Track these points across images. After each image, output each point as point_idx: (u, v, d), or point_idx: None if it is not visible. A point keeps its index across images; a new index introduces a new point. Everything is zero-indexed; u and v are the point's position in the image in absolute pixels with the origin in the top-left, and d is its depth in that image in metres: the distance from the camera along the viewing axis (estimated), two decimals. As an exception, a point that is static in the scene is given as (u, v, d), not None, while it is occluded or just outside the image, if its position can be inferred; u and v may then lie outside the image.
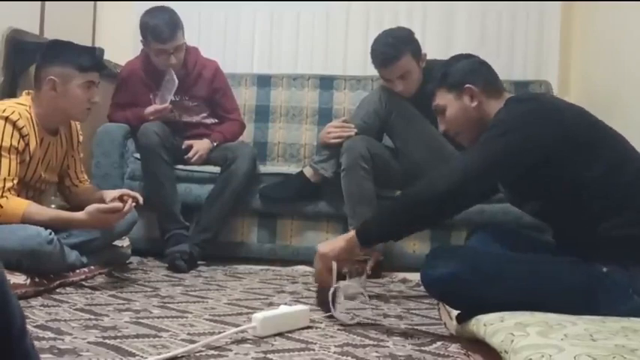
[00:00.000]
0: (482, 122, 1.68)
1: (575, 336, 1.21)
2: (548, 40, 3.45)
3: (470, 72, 1.75)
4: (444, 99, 1.76)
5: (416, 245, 2.72)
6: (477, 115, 1.71)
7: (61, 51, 2.13)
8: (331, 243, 1.76)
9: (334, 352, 1.43)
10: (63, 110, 2.13)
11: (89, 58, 2.14)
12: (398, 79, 2.57)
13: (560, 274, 1.50)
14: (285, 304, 1.73)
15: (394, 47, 2.53)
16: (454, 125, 1.76)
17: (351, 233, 1.70)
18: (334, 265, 1.70)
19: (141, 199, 2.20)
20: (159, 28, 2.70)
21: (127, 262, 2.52)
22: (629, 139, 2.51)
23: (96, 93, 2.15)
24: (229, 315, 1.77)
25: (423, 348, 1.51)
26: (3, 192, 1.96)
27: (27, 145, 2.05)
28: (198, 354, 1.38)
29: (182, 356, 1.36)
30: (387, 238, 1.80)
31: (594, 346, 1.13)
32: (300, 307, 1.70)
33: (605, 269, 1.48)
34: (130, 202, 2.13)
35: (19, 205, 1.98)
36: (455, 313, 1.65)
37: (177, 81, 2.76)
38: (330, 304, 1.71)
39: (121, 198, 2.17)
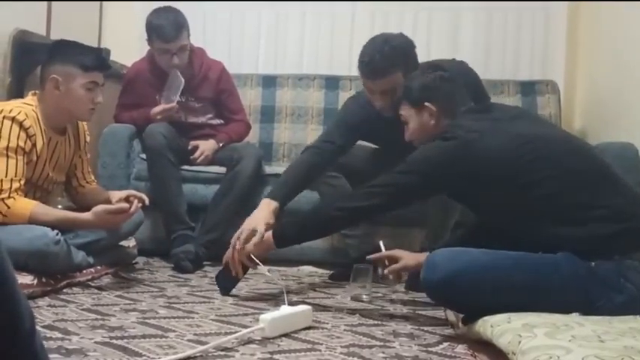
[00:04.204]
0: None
1: (582, 337, 1.20)
2: (554, 40, 3.44)
3: (430, 89, 1.83)
4: (407, 112, 1.89)
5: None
6: (434, 131, 1.81)
7: (65, 50, 2.13)
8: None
9: (340, 353, 1.43)
10: (66, 110, 2.13)
11: (93, 58, 2.14)
12: (381, 94, 2.27)
13: (559, 268, 1.54)
14: (284, 304, 1.73)
15: (387, 59, 2.21)
16: (416, 137, 1.88)
17: (269, 234, 1.93)
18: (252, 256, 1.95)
19: (147, 200, 2.20)
20: (163, 28, 2.71)
21: (133, 262, 2.53)
22: (633, 138, 2.52)
23: (99, 93, 2.15)
24: (235, 315, 1.77)
25: (429, 349, 1.50)
26: (10, 193, 1.97)
27: (34, 145, 2.05)
28: (205, 354, 1.38)
29: (193, 357, 1.36)
30: (300, 242, 2.02)
31: (602, 347, 1.13)
32: (303, 307, 1.70)
33: (592, 264, 1.53)
34: (136, 203, 2.13)
35: (26, 205, 1.99)
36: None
37: (183, 80, 2.77)
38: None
39: (127, 199, 2.17)
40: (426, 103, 1.82)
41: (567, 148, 1.71)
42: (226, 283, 2.07)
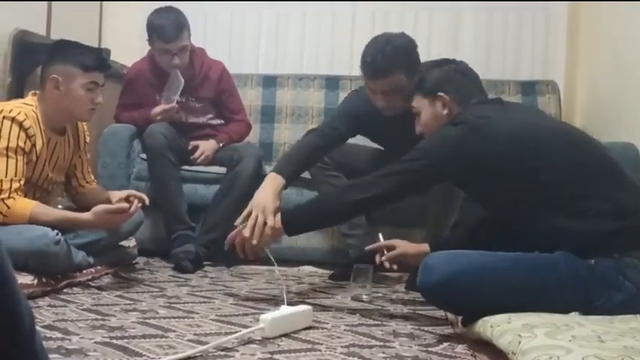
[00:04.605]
0: None
1: (583, 337, 1.20)
2: (554, 40, 3.44)
3: (444, 80, 1.86)
4: (419, 103, 1.89)
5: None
6: (447, 121, 1.80)
7: (65, 50, 2.13)
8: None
9: (340, 353, 1.43)
10: (66, 110, 2.13)
11: (93, 58, 2.14)
12: (382, 94, 2.27)
13: (557, 267, 1.53)
14: (283, 304, 1.74)
15: (389, 60, 2.20)
16: (427, 129, 1.88)
17: (279, 221, 1.89)
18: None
19: (147, 200, 2.20)
20: (164, 28, 2.72)
21: (134, 262, 2.53)
22: (634, 138, 2.52)
23: (99, 94, 2.15)
24: (235, 315, 1.77)
25: (429, 349, 1.50)
26: (10, 193, 1.97)
27: (33, 145, 2.05)
28: (205, 354, 1.38)
29: (193, 357, 1.36)
30: (310, 230, 2.07)
31: (602, 348, 1.13)
32: (303, 307, 1.70)
33: (592, 261, 1.52)
34: (136, 203, 2.13)
35: (26, 205, 1.99)
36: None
37: (183, 80, 2.77)
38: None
39: (127, 199, 2.17)
40: (440, 93, 1.84)
41: (570, 140, 1.71)
42: (232, 260, 2.06)
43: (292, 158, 2.28)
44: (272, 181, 2.10)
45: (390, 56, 2.20)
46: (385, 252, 2.06)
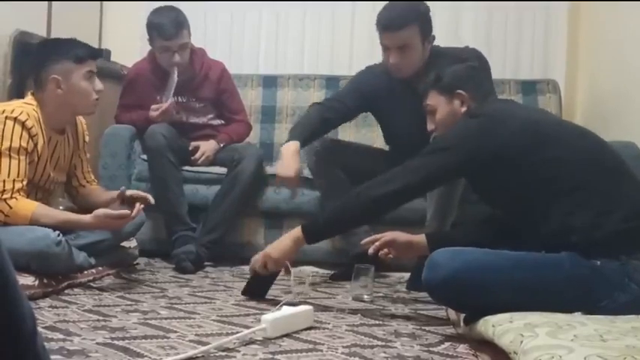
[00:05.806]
0: None
1: (585, 337, 1.20)
2: (555, 39, 3.44)
3: (463, 78, 1.87)
4: (436, 100, 1.89)
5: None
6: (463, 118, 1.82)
7: (54, 49, 2.15)
8: (279, 245, 1.93)
9: (342, 353, 1.43)
10: (72, 106, 2.14)
11: (83, 48, 2.16)
12: (396, 49, 2.34)
13: (561, 267, 1.53)
14: (284, 303, 1.74)
15: (404, 14, 2.32)
16: (442, 126, 1.87)
17: (298, 232, 1.88)
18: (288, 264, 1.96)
19: (152, 200, 2.20)
20: (163, 26, 2.72)
21: (135, 263, 2.53)
22: (635, 137, 2.52)
23: (98, 81, 2.17)
24: (237, 316, 1.78)
25: (431, 349, 1.50)
26: (12, 193, 1.97)
27: (35, 145, 2.05)
28: (207, 355, 1.38)
29: (194, 358, 1.36)
30: (332, 236, 2.07)
31: (604, 347, 1.12)
32: (304, 307, 1.71)
33: (598, 262, 1.52)
34: (137, 206, 2.11)
35: (28, 206, 1.99)
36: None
37: (176, 79, 2.76)
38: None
39: (128, 201, 2.16)
40: (459, 90, 1.84)
41: (581, 138, 1.72)
42: (259, 290, 2.04)
43: (305, 124, 2.43)
44: (290, 149, 2.28)
45: (404, 11, 2.34)
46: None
